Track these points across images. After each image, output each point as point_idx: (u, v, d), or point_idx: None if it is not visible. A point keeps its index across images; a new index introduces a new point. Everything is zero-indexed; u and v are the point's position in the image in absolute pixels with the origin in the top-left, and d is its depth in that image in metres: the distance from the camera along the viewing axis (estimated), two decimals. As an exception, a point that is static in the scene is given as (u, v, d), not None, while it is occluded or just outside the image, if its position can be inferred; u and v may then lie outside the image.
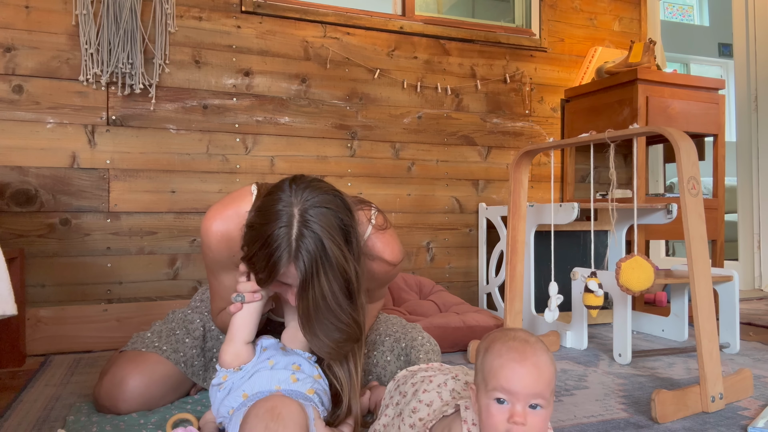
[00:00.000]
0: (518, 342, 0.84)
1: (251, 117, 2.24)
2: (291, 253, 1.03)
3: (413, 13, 2.57)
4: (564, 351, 1.97)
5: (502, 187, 2.72)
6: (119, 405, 1.24)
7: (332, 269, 1.04)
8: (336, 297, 1.05)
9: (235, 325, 1.14)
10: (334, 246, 1.04)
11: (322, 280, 1.03)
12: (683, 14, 6.52)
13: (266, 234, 1.04)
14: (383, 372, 1.40)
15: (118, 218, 2.05)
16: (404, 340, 1.42)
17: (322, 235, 1.03)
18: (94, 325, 2.00)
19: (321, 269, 1.03)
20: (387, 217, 1.29)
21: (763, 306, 2.87)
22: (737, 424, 1.27)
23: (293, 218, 1.03)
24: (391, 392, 1.10)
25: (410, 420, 0.99)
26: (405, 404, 1.02)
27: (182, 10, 2.14)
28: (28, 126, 1.95)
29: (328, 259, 1.03)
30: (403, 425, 1.00)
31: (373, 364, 1.41)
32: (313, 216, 1.04)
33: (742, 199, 3.47)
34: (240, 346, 1.13)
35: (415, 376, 1.08)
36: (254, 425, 0.89)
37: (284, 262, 1.03)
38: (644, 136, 2.43)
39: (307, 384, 1.14)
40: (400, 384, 1.09)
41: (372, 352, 1.42)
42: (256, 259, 1.06)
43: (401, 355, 1.40)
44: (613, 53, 2.83)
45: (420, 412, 0.99)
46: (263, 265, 1.05)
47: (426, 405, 0.99)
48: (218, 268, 1.24)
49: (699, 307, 1.37)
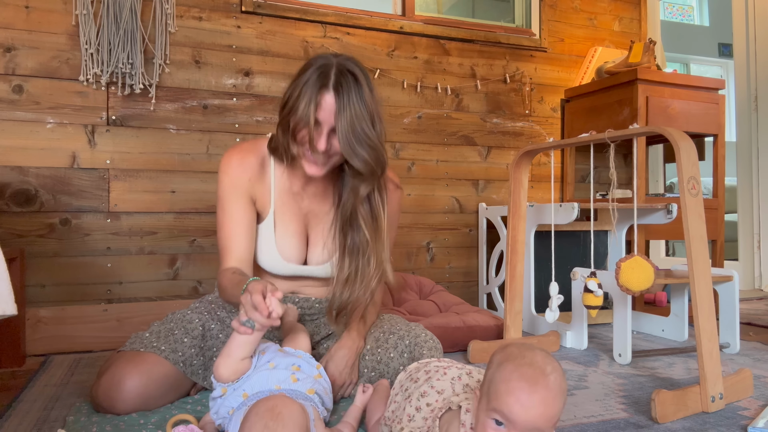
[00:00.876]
0: (533, 370, 0.79)
1: (251, 117, 2.24)
2: (333, 81, 1.23)
3: (413, 13, 2.57)
4: (564, 351, 1.97)
5: (502, 187, 2.72)
6: (117, 405, 1.24)
7: (364, 102, 1.24)
8: (366, 120, 1.24)
9: (235, 342, 1.11)
10: (366, 86, 1.26)
11: (353, 114, 1.22)
12: (683, 14, 6.52)
13: (305, 74, 1.25)
14: (386, 369, 1.41)
15: (118, 218, 2.05)
16: (408, 337, 1.44)
17: (357, 73, 1.26)
18: (94, 325, 2.00)
19: (355, 106, 1.23)
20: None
21: (763, 306, 2.87)
22: (737, 424, 1.27)
23: (331, 61, 1.26)
24: (402, 381, 1.10)
25: (417, 402, 0.99)
26: (415, 389, 1.02)
27: (182, 10, 2.14)
28: (28, 126, 1.95)
29: (361, 90, 1.24)
30: (409, 406, 0.99)
31: (376, 360, 1.42)
32: (349, 62, 1.27)
33: (742, 199, 3.47)
34: (238, 362, 1.11)
35: (429, 365, 1.08)
36: (254, 423, 0.89)
37: (327, 91, 1.22)
38: (644, 136, 2.43)
39: (307, 384, 1.15)
40: (413, 373, 1.10)
41: (376, 348, 1.44)
42: (295, 99, 1.25)
43: (405, 351, 1.41)
44: (613, 53, 2.83)
45: (429, 397, 0.98)
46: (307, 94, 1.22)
47: (437, 392, 0.99)
48: (232, 194, 1.37)
49: (699, 307, 1.37)
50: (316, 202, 1.46)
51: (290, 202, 1.43)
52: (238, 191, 1.37)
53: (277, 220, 1.42)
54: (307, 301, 1.48)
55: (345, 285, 1.34)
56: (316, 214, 1.46)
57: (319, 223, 1.46)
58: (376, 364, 1.42)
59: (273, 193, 1.42)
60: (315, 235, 1.46)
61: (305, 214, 1.45)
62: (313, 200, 1.46)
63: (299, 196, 1.45)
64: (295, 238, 1.43)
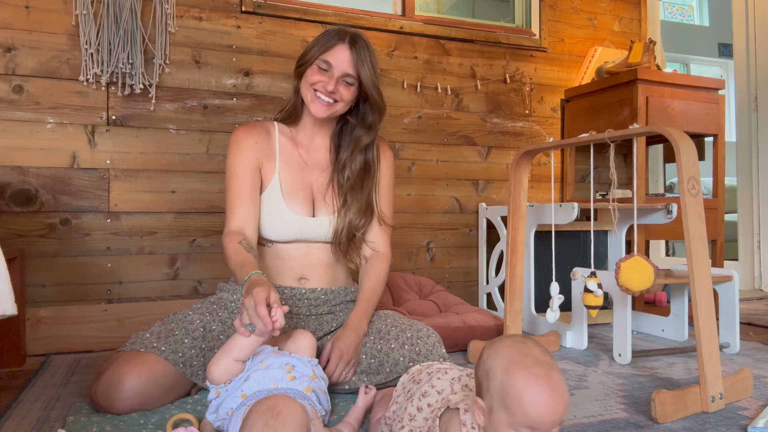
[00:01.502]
0: (542, 368, 0.79)
1: (251, 117, 2.24)
2: (348, 37, 1.51)
3: (413, 13, 2.57)
4: (564, 351, 1.97)
5: (502, 187, 2.72)
6: (115, 405, 1.24)
7: (373, 67, 1.53)
8: (377, 75, 1.55)
9: (234, 342, 1.13)
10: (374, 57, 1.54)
11: (367, 66, 1.51)
12: (683, 14, 6.52)
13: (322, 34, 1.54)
14: (386, 358, 1.43)
15: (118, 218, 2.05)
16: (410, 331, 1.47)
17: (368, 42, 1.54)
18: (94, 325, 2.00)
19: (368, 61, 1.52)
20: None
21: (763, 306, 2.87)
22: (737, 424, 1.27)
23: (347, 28, 1.54)
24: (404, 383, 1.11)
25: (418, 403, 0.99)
26: (417, 389, 1.03)
27: (182, 10, 2.14)
28: (28, 126, 1.95)
29: (372, 56, 1.53)
30: (410, 406, 1.00)
31: (377, 349, 1.44)
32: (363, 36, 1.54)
33: (742, 199, 3.47)
34: (231, 362, 1.12)
35: (431, 368, 1.09)
36: (255, 422, 0.89)
37: (341, 42, 1.50)
38: (644, 136, 2.43)
39: (305, 382, 1.15)
40: (415, 374, 1.10)
41: (378, 339, 1.46)
42: (310, 48, 1.53)
43: (405, 343, 1.43)
44: (613, 53, 2.83)
45: (429, 397, 0.99)
46: (320, 44, 1.51)
47: (437, 392, 0.99)
48: (238, 157, 1.54)
49: (699, 307, 1.37)
50: (316, 161, 1.64)
51: (293, 163, 1.61)
52: (245, 154, 1.55)
53: (282, 178, 1.57)
54: (314, 292, 1.54)
55: (343, 217, 1.56)
56: (318, 173, 1.62)
57: (319, 178, 1.62)
58: (376, 353, 1.44)
59: (278, 154, 1.59)
60: (317, 190, 1.61)
61: (308, 173, 1.61)
62: (314, 160, 1.63)
63: (301, 158, 1.63)
64: (301, 192, 1.58)
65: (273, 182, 1.56)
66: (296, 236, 1.55)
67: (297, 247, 1.56)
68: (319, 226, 1.56)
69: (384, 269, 1.62)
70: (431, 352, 1.42)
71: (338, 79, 1.51)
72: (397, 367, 1.41)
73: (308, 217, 1.56)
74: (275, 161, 1.58)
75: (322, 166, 1.64)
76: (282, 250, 1.56)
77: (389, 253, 1.67)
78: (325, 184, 1.61)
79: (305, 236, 1.56)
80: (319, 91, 1.51)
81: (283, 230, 1.54)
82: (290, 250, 1.56)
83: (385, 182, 1.68)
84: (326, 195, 1.60)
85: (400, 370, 1.40)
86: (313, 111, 1.53)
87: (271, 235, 1.55)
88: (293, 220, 1.54)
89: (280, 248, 1.56)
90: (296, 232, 1.54)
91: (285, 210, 1.54)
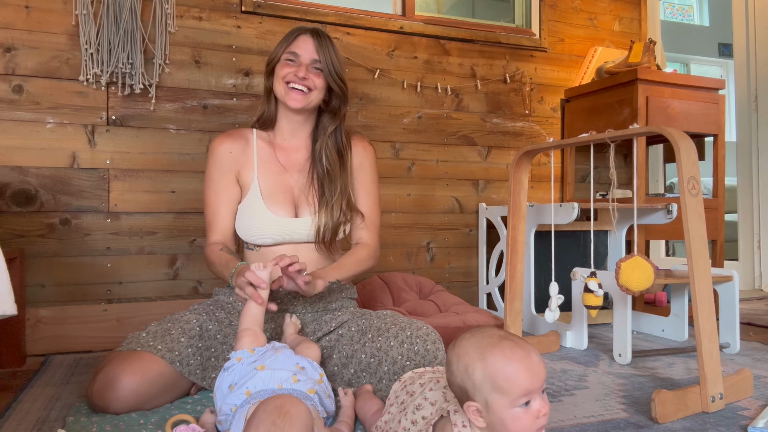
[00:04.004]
0: (508, 340, 0.85)
1: (251, 117, 2.24)
2: (309, 29, 1.58)
3: (413, 13, 2.57)
4: (564, 351, 1.97)
5: (502, 187, 2.72)
6: (111, 404, 1.23)
7: (336, 55, 1.59)
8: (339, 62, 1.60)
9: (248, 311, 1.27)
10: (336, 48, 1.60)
11: (331, 53, 1.57)
12: (683, 14, 6.52)
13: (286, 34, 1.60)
14: (384, 356, 1.41)
15: (118, 218, 2.05)
16: (409, 329, 1.46)
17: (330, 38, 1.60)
18: (94, 325, 2.00)
19: (331, 48, 1.57)
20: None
21: (763, 306, 2.87)
22: (737, 424, 1.27)
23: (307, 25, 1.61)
24: (397, 392, 1.11)
25: (413, 416, 0.99)
26: (410, 402, 1.03)
27: (182, 10, 2.14)
28: (28, 126, 1.95)
29: (334, 47, 1.59)
30: (405, 419, 1.00)
31: (376, 347, 1.43)
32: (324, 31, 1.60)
33: (742, 199, 3.47)
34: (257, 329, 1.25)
35: (423, 377, 1.08)
36: (262, 420, 0.90)
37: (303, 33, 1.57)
38: (644, 136, 2.43)
39: (308, 384, 1.16)
40: (407, 384, 1.10)
41: (377, 336, 1.45)
42: (276, 47, 1.60)
43: (405, 342, 1.42)
44: (613, 53, 2.83)
45: (424, 410, 0.99)
46: (284, 41, 1.58)
47: (431, 404, 0.99)
48: (215, 171, 1.59)
49: (699, 307, 1.37)
50: (295, 162, 1.65)
51: (272, 166, 1.63)
52: (222, 168, 1.59)
53: (262, 182, 1.60)
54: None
55: (324, 211, 1.58)
56: (298, 174, 1.64)
57: (300, 179, 1.64)
58: (375, 351, 1.43)
59: (256, 160, 1.62)
60: (300, 191, 1.63)
61: (287, 175, 1.63)
62: (293, 162, 1.65)
63: (280, 161, 1.64)
64: (282, 194, 1.60)
65: (253, 187, 1.59)
66: (279, 238, 1.56)
67: (285, 248, 1.56)
68: (301, 225, 1.57)
69: (365, 254, 1.64)
70: (430, 352, 1.42)
71: (307, 66, 1.56)
72: (396, 365, 1.40)
73: (290, 218, 1.58)
74: (253, 167, 1.61)
75: (302, 166, 1.65)
76: (269, 252, 1.56)
77: (375, 246, 1.68)
78: (306, 183, 1.63)
79: (289, 237, 1.56)
80: (292, 81, 1.55)
81: (266, 232, 1.55)
82: (278, 252, 1.55)
83: (368, 177, 1.70)
84: (309, 195, 1.62)
85: (398, 369, 1.39)
86: (289, 103, 1.56)
87: (254, 239, 1.56)
88: (274, 222, 1.55)
89: (266, 251, 1.57)
90: (278, 234, 1.55)
91: (266, 213, 1.56)
